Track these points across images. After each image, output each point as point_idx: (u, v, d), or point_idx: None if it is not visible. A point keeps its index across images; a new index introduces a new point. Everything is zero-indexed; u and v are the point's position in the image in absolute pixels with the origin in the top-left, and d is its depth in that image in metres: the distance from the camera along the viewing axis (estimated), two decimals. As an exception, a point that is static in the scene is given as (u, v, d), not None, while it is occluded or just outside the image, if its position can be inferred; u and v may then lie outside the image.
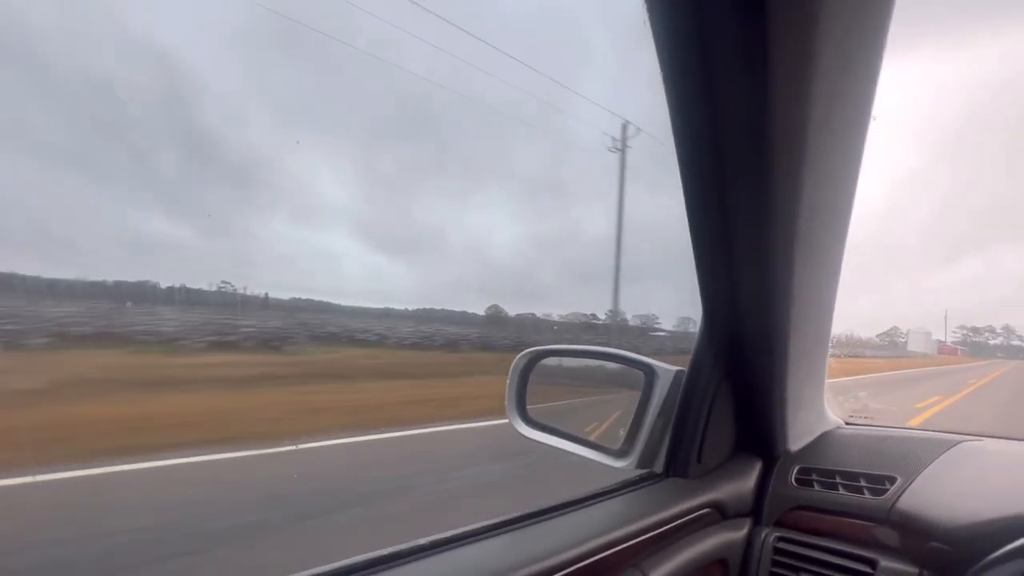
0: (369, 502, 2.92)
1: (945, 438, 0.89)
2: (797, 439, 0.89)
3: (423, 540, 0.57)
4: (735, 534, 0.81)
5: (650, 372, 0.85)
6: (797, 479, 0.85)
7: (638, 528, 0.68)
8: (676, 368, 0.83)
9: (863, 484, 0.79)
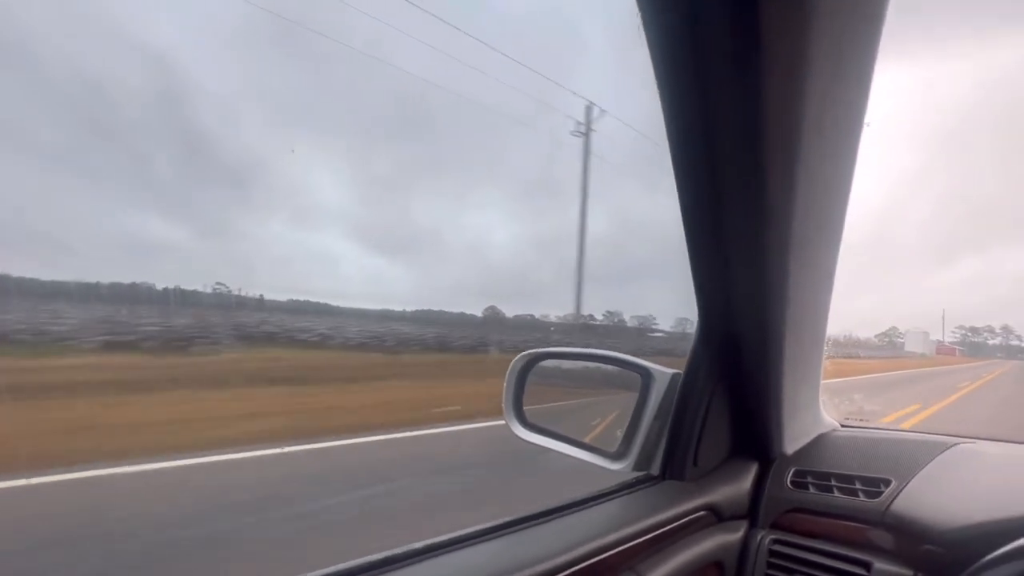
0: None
1: (940, 440, 0.90)
2: (793, 441, 0.90)
3: (418, 544, 0.57)
4: (731, 536, 0.82)
5: (646, 375, 0.85)
6: (793, 481, 0.85)
7: (634, 531, 0.68)
8: (672, 371, 0.83)
9: (858, 487, 0.80)
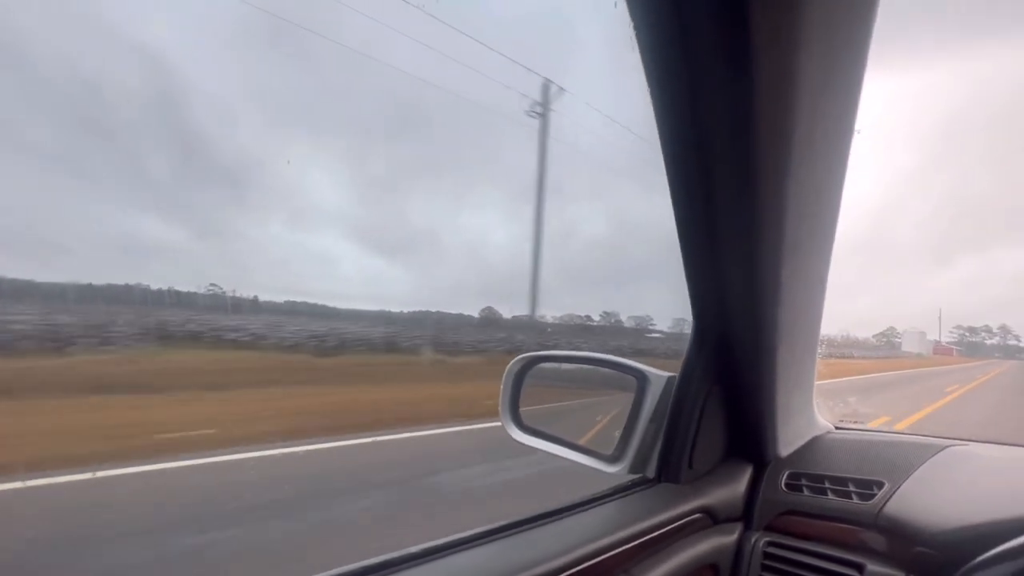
0: None
1: (932, 443, 0.90)
2: (787, 444, 0.90)
3: (414, 548, 0.57)
4: (725, 539, 0.82)
5: (642, 378, 0.85)
6: (787, 484, 0.86)
7: (629, 534, 0.68)
8: (668, 374, 0.84)
9: (851, 489, 0.80)
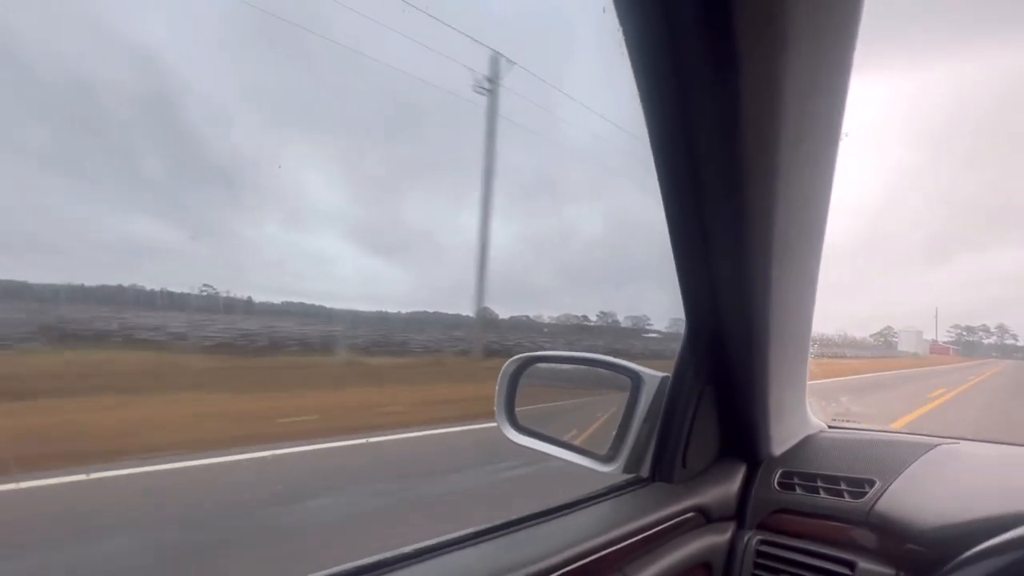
0: None
1: (924, 441, 0.91)
2: (780, 443, 0.91)
3: (407, 548, 0.57)
4: (719, 538, 0.83)
5: (636, 378, 0.86)
6: (780, 483, 0.86)
7: (623, 533, 0.69)
8: (662, 374, 0.85)
9: (843, 487, 0.81)
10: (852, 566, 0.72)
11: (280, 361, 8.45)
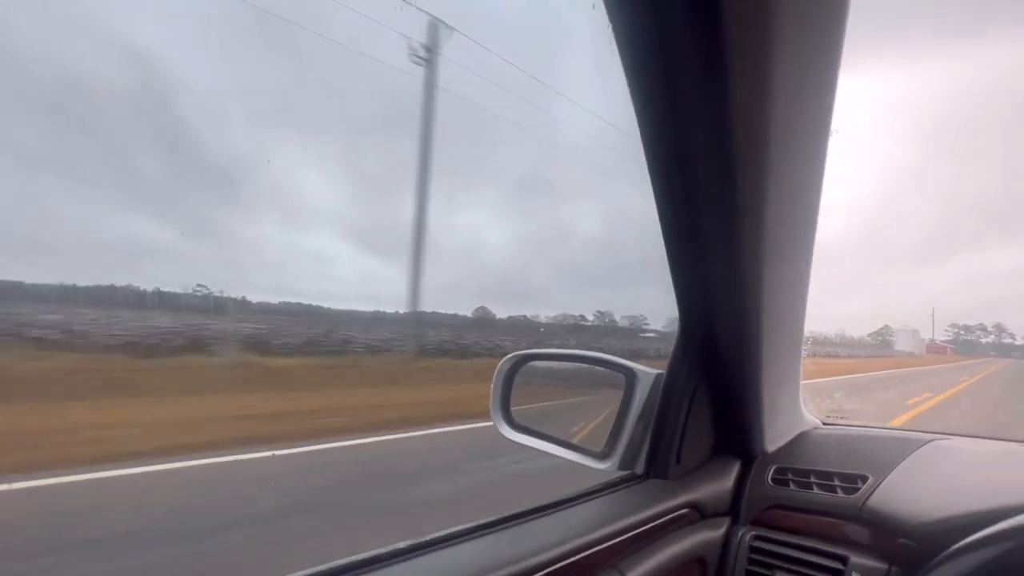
0: None
1: (916, 437, 0.92)
2: (774, 440, 0.92)
3: (402, 544, 0.57)
4: (713, 533, 0.83)
5: (631, 375, 0.86)
6: (774, 479, 0.87)
7: (617, 528, 0.69)
8: (656, 371, 0.85)
9: (836, 483, 0.81)
10: (845, 561, 0.73)
11: (172, 362, 6.78)
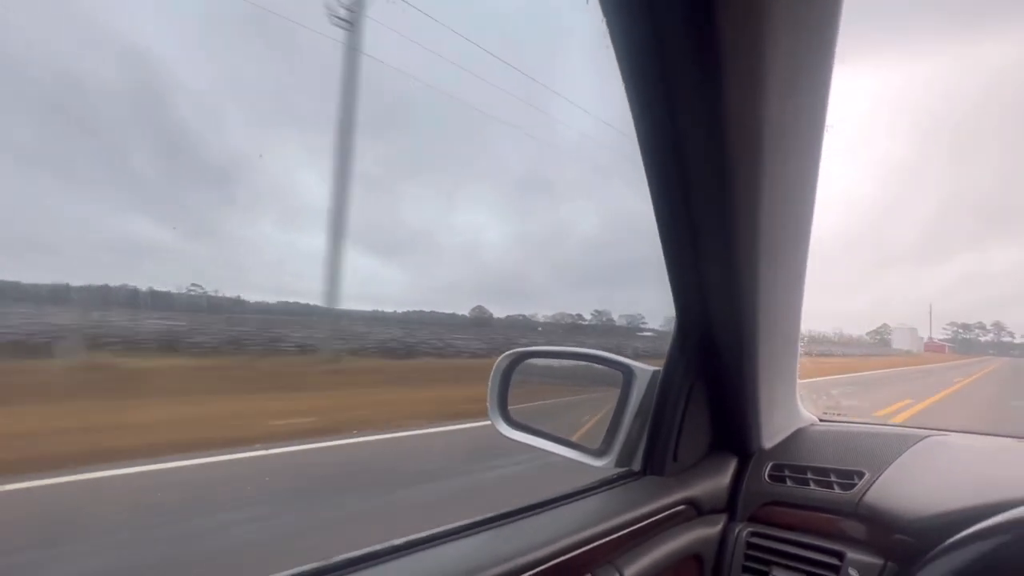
0: None
1: (912, 433, 0.92)
2: (771, 436, 0.92)
3: (398, 540, 0.57)
4: (710, 530, 0.83)
5: (628, 372, 0.86)
6: (770, 475, 0.87)
7: (614, 525, 0.69)
8: (653, 368, 0.85)
9: (833, 479, 0.82)
10: (841, 556, 0.73)
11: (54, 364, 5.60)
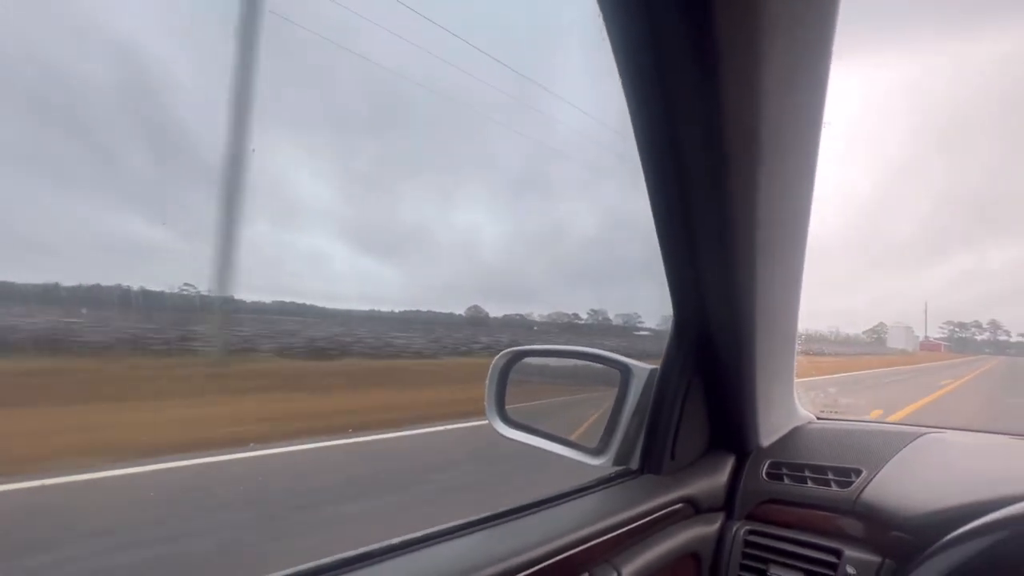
0: None
1: (909, 431, 0.93)
2: (768, 435, 0.92)
3: (395, 540, 0.57)
4: (708, 528, 0.83)
5: (625, 371, 0.86)
6: (768, 473, 0.87)
7: (612, 524, 0.69)
8: (651, 367, 0.85)
9: (830, 477, 0.82)
10: (838, 554, 0.73)
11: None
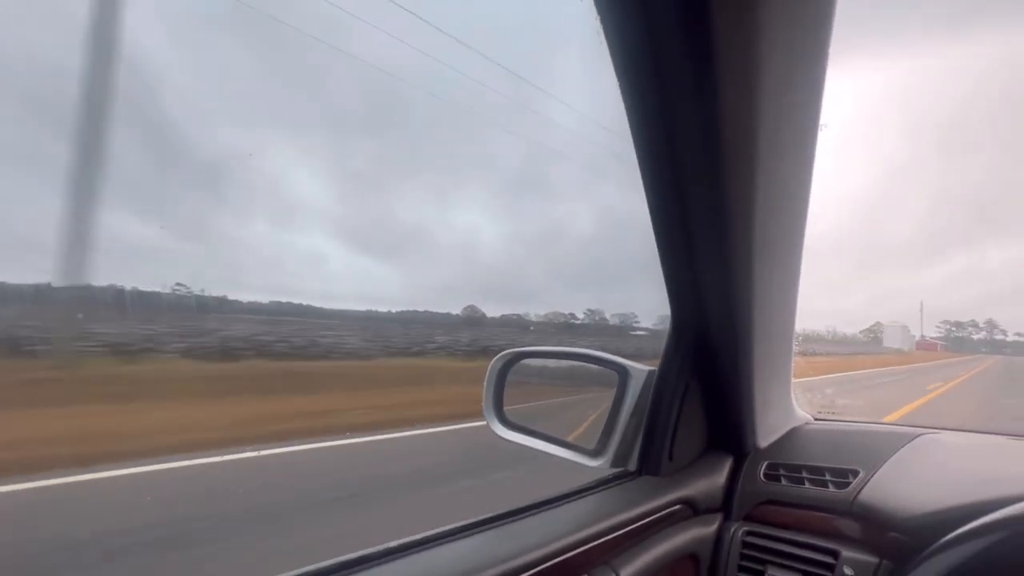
0: None
1: (906, 431, 0.93)
2: (766, 436, 0.92)
3: (393, 543, 0.56)
4: (706, 529, 0.83)
5: (623, 372, 0.86)
6: (766, 474, 0.87)
7: (610, 525, 0.69)
8: (649, 368, 0.85)
9: (828, 478, 0.82)
10: (836, 555, 0.73)
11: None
